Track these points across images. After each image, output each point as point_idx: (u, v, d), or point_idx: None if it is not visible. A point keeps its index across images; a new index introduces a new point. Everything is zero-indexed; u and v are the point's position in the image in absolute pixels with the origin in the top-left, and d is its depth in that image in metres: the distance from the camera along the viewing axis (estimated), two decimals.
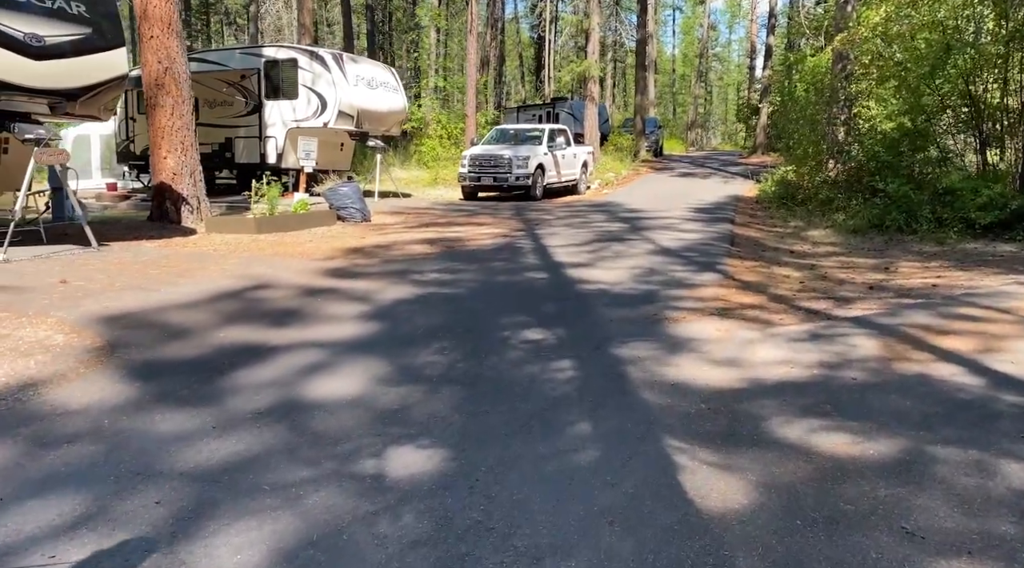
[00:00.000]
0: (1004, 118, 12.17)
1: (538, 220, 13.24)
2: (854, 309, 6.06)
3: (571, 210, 15.20)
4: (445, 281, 7.25)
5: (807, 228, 12.84)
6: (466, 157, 17.22)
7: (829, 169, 15.37)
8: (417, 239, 10.38)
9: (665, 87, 68.07)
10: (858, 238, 11.57)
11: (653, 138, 33.15)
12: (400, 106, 17.39)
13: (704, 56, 64.28)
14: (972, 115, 12.47)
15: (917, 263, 9.08)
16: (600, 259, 8.86)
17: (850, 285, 7.39)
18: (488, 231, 11.53)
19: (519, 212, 14.73)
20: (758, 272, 8.19)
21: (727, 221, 13.19)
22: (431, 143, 22.39)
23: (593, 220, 13.31)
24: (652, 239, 10.62)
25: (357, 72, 16.04)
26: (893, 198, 11.66)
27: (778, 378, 4.24)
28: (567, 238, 10.69)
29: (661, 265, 8.39)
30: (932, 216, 11.14)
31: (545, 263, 8.61)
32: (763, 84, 32.25)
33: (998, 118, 12.29)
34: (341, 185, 12.75)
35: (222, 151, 17.20)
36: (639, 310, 6.02)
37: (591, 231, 11.57)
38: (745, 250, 10.11)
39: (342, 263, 8.18)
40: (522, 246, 9.96)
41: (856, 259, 9.57)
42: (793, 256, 9.88)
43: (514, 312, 5.96)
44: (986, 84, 12.40)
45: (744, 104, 43.41)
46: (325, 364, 4.46)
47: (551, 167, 17.77)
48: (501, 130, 19.16)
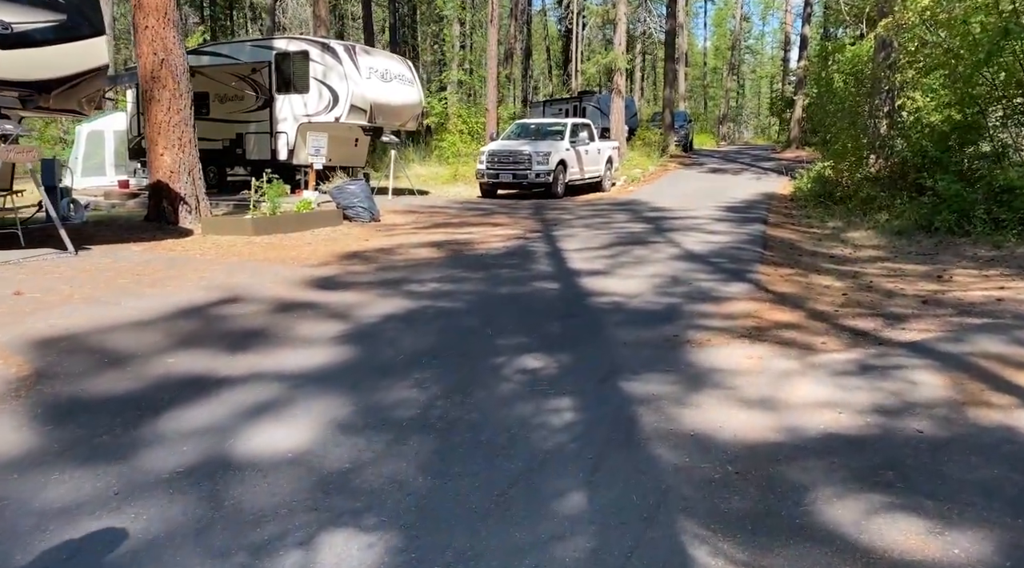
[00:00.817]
0: None
1: (557, 220, 12.47)
2: (909, 330, 5.21)
3: (593, 209, 14.39)
4: (444, 292, 6.53)
5: (847, 229, 11.89)
6: (484, 153, 16.49)
7: (870, 165, 14.35)
8: (424, 242, 9.68)
9: (696, 80, 66.62)
10: (904, 240, 10.61)
11: (683, 132, 32.09)
12: (416, 100, 16.71)
13: (736, 48, 62.72)
14: None
15: (973, 270, 8.15)
16: (618, 265, 8.07)
17: (900, 298, 6.51)
18: (502, 232, 10.79)
19: (538, 211, 13.97)
20: (794, 282, 7.34)
21: (759, 221, 12.29)
22: (451, 138, 21.69)
23: (615, 220, 12.49)
24: (677, 242, 9.79)
25: (370, 64, 15.38)
26: (943, 197, 10.68)
27: (823, 428, 3.44)
28: (585, 241, 9.90)
29: (685, 273, 7.58)
30: (987, 217, 10.15)
31: (557, 270, 7.85)
32: (798, 76, 30.98)
33: None
34: (348, 183, 12.10)
35: (233, 147, 16.68)
36: (657, 330, 5.24)
37: (612, 233, 10.77)
38: (779, 255, 9.24)
39: (335, 270, 7.50)
40: (535, 250, 9.20)
41: (904, 265, 8.65)
42: (833, 262, 8.99)
43: (514, 331, 5.21)
44: None
45: (778, 97, 42.08)
46: (276, 403, 3.76)
47: (573, 163, 16.97)
48: (522, 125, 18.38)
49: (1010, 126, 11.54)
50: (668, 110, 28.53)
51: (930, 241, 10.33)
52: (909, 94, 13.05)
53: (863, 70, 16.93)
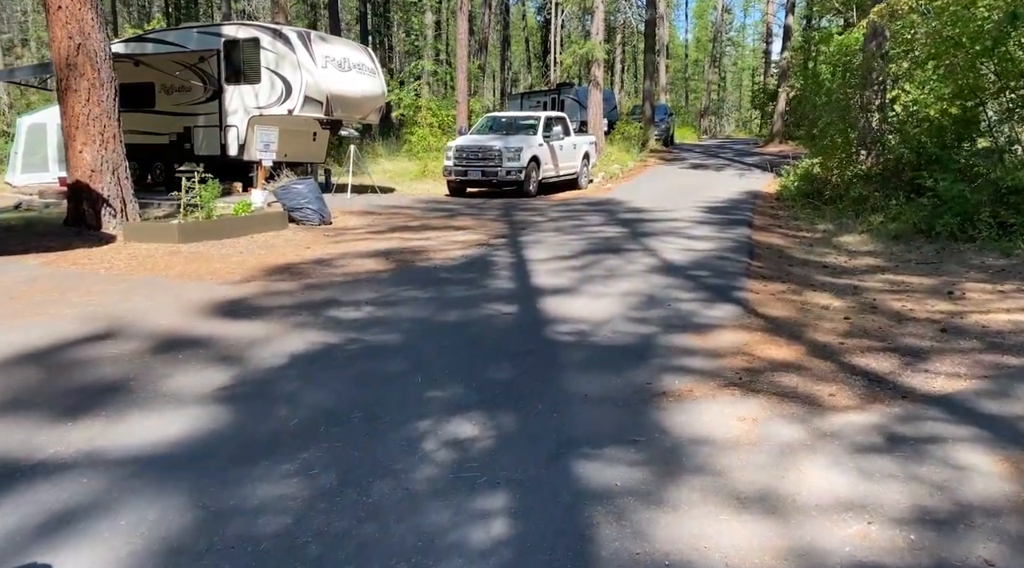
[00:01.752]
0: None
1: (526, 223, 11.45)
2: (934, 374, 4.25)
3: (567, 209, 13.38)
4: (377, 320, 5.49)
5: (839, 233, 10.97)
6: (451, 148, 15.42)
7: (861, 162, 13.45)
8: (373, 251, 8.62)
9: (677, 73, 65.81)
10: (902, 246, 9.71)
11: (663, 126, 31.13)
12: (378, 91, 15.58)
13: (718, 40, 61.95)
14: None
15: (987, 285, 7.23)
16: (588, 280, 7.06)
17: (912, 324, 5.56)
18: (463, 238, 9.75)
19: (507, 212, 12.94)
20: (787, 301, 6.37)
21: (744, 224, 11.34)
22: (421, 132, 20.57)
23: (589, 223, 11.49)
24: (655, 250, 8.80)
25: (326, 52, 14.24)
26: (943, 198, 9.78)
27: (850, 552, 2.45)
28: (554, 248, 8.89)
29: (664, 290, 6.59)
30: (993, 221, 9.27)
31: (518, 287, 6.83)
32: (781, 68, 30.14)
33: None
34: (295, 182, 11.00)
35: (180, 142, 15.48)
36: (627, 376, 4.23)
37: (584, 238, 9.76)
38: (768, 265, 8.28)
39: (255, 288, 6.43)
40: (497, 260, 8.18)
41: (907, 277, 7.73)
42: (828, 273, 8.05)
43: (452, 377, 4.19)
44: None
45: (760, 89, 41.31)
46: (92, 509, 2.71)
47: (547, 159, 15.94)
48: (492, 118, 17.31)
49: (1015, 120, 10.65)
50: (648, 103, 27.56)
51: (931, 247, 9.43)
52: (904, 86, 12.14)
53: (852, 60, 16.04)
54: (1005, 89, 10.95)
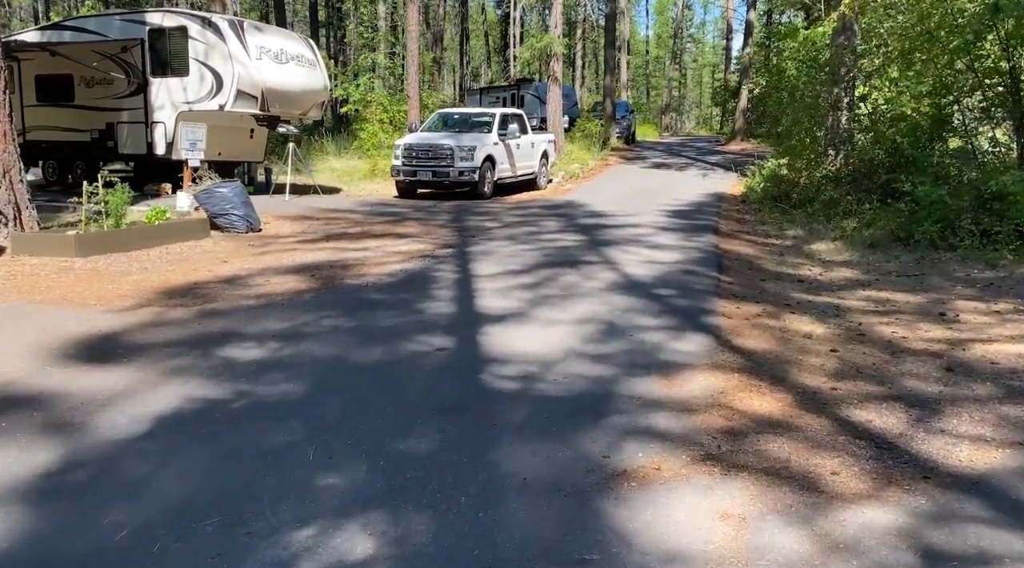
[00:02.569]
0: None
1: (478, 229, 10.54)
2: (955, 438, 3.46)
3: (523, 213, 12.50)
4: (279, 362, 4.53)
5: (810, 240, 10.29)
6: (399, 147, 14.42)
7: (830, 163, 12.82)
8: (299, 265, 7.64)
9: (639, 69, 65.47)
10: (879, 255, 9.04)
11: (625, 123, 30.44)
12: (319, 85, 14.49)
13: (679, 36, 61.67)
14: (1010, 94, 9.93)
15: (979, 303, 6.54)
16: (540, 302, 6.19)
17: (911, 358, 4.80)
18: (405, 249, 8.81)
19: (458, 217, 12.01)
20: (765, 328, 5.58)
21: (710, 231, 10.59)
22: (371, 129, 19.50)
23: (546, 230, 10.63)
24: (616, 262, 7.97)
25: (261, 43, 13.12)
26: (921, 203, 9.13)
27: None
28: (505, 261, 8.00)
29: (625, 315, 5.75)
30: (975, 228, 8.64)
31: (459, 312, 5.92)
32: (743, 64, 29.66)
33: None
34: (219, 185, 9.92)
35: (103, 139, 14.21)
36: (578, 445, 3.36)
37: (539, 248, 8.89)
38: (739, 280, 7.51)
39: (141, 318, 5.42)
40: (439, 277, 7.26)
41: (890, 294, 7.02)
42: (804, 289, 7.30)
43: (353, 452, 3.28)
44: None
45: (722, 86, 40.96)
46: None
47: (503, 159, 15.04)
48: (444, 115, 16.33)
49: (994, 119, 10.06)
50: (609, 99, 26.83)
51: (910, 257, 8.77)
52: (875, 82, 11.50)
53: (818, 57, 15.45)
54: (979, 87, 10.36)
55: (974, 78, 10.12)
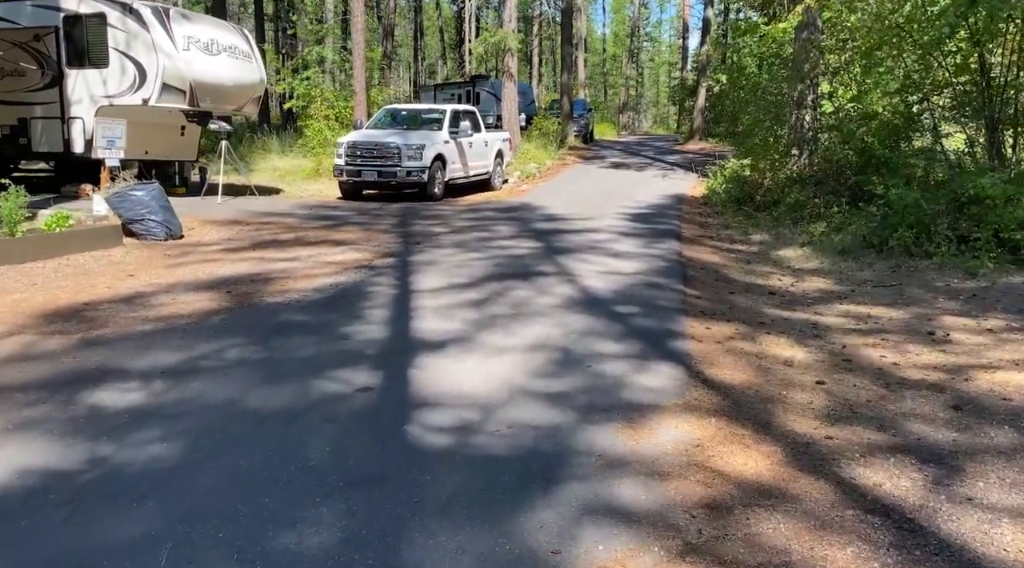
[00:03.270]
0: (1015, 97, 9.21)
1: (424, 235, 9.72)
2: (989, 512, 2.79)
3: (474, 217, 11.72)
4: (158, 409, 3.68)
5: (777, 245, 9.73)
6: (342, 145, 13.49)
7: (794, 164, 12.32)
8: (215, 279, 6.74)
9: (595, 67, 65.14)
10: (851, 262, 8.50)
11: (583, 122, 29.84)
12: (255, 78, 13.48)
13: (635, 35, 61.47)
14: (981, 93, 9.47)
15: (967, 317, 5.99)
16: (487, 325, 5.42)
17: (910, 393, 4.16)
18: (341, 258, 7.96)
19: (404, 220, 11.18)
20: (741, 354, 4.90)
21: (672, 236, 9.95)
22: (316, 125, 18.49)
23: (498, 235, 9.86)
24: (573, 274, 7.24)
25: (189, 33, 12.08)
26: (895, 207, 8.61)
27: None
28: (450, 273, 7.22)
29: (583, 340, 5.02)
30: (952, 234, 8.14)
31: (391, 339, 5.12)
32: (700, 62, 29.31)
33: (1010, 98, 9.33)
34: (134, 188, 8.93)
35: (15, 136, 12.96)
36: (521, 535, 2.60)
37: (490, 258, 8.13)
38: (707, 293, 6.84)
39: (6, 350, 4.50)
40: (373, 293, 6.44)
41: (871, 308, 6.43)
42: (777, 302, 6.67)
43: (215, 554, 2.47)
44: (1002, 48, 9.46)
45: (679, 85, 40.69)
46: None
47: (454, 158, 14.23)
48: (392, 111, 15.43)
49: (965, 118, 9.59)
50: (566, 97, 26.17)
51: (884, 264, 8.24)
52: (843, 78, 10.99)
53: (779, 53, 15.00)
54: (948, 84, 9.90)
55: (945, 75, 9.64)
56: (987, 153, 9.70)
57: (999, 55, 9.47)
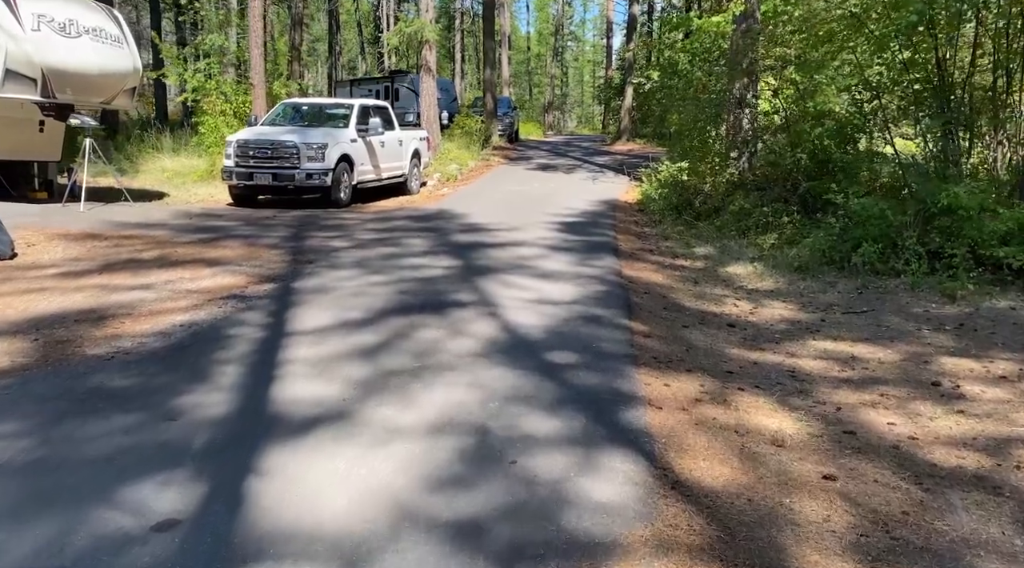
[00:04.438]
0: (968, 96, 8.41)
1: (318, 251, 8.23)
2: None
3: (383, 228, 10.25)
4: None
5: (724, 260, 8.66)
6: (231, 143, 11.79)
7: (735, 167, 11.36)
8: (28, 318, 5.13)
9: (520, 65, 64.16)
10: (810, 281, 7.49)
11: (508, 121, 28.56)
12: (127, 66, 11.62)
13: (560, 33, 60.73)
14: (935, 91, 8.65)
15: (969, 358, 4.98)
16: (377, 388, 4.04)
17: (953, 491, 3.02)
18: (206, 285, 6.41)
19: (299, 232, 9.62)
20: (715, 431, 3.68)
21: (609, 250, 8.76)
22: (212, 121, 16.57)
23: (409, 250, 8.45)
24: (496, 304, 5.92)
25: (40, 11, 10.17)
26: (857, 219, 7.65)
27: None
28: (342, 305, 5.78)
29: (505, 413, 3.71)
30: (922, 249, 7.22)
31: (238, 415, 3.67)
32: (627, 60, 28.49)
33: (963, 98, 8.53)
34: None
35: None
36: None
37: (396, 281, 6.72)
38: (657, 329, 5.63)
39: None
40: (234, 337, 4.95)
41: (850, 345, 5.37)
42: (740, 340, 5.52)
43: None
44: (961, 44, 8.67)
45: (606, 84, 39.97)
46: None
47: (364, 159, 12.71)
48: (291, 106, 13.74)
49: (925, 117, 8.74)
50: (490, 94, 24.84)
51: (849, 284, 7.25)
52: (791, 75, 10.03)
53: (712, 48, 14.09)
54: (899, 82, 9.05)
55: (897, 70, 8.75)
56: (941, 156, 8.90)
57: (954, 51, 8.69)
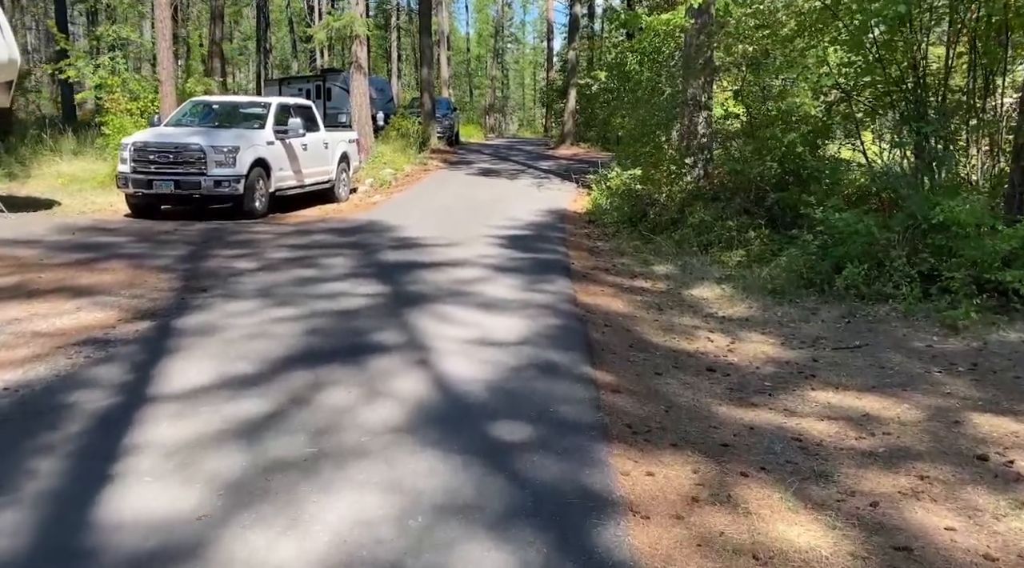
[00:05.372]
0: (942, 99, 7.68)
1: (216, 276, 6.93)
2: None
3: (300, 244, 8.96)
4: None
5: (688, 280, 7.71)
6: (127, 146, 10.31)
7: (692, 175, 10.47)
8: None
9: (460, 66, 62.91)
10: (788, 307, 6.58)
11: (447, 123, 27.31)
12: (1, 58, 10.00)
13: (500, 35, 59.74)
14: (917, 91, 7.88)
15: (1005, 417, 4.08)
16: (254, 496, 2.85)
17: None
18: (63, 324, 5.09)
19: (200, 250, 8.28)
20: (727, 556, 2.62)
21: (561, 271, 7.70)
22: (118, 121, 14.89)
23: (328, 273, 7.22)
24: (426, 349, 4.77)
25: None
26: (840, 235, 6.77)
27: None
28: (230, 353, 4.55)
29: (432, 536, 2.57)
30: (912, 270, 6.37)
31: (39, 550, 2.43)
32: (570, 61, 27.64)
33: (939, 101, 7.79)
34: None
35: None
36: None
37: (304, 317, 5.51)
38: (626, 379, 4.58)
39: None
40: (73, 406, 3.68)
41: (857, 397, 4.42)
42: (725, 391, 4.52)
43: None
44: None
45: (548, 86, 39.12)
46: None
47: (283, 163, 11.37)
48: (201, 105, 12.26)
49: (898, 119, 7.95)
50: (427, 94, 23.57)
51: (833, 311, 6.36)
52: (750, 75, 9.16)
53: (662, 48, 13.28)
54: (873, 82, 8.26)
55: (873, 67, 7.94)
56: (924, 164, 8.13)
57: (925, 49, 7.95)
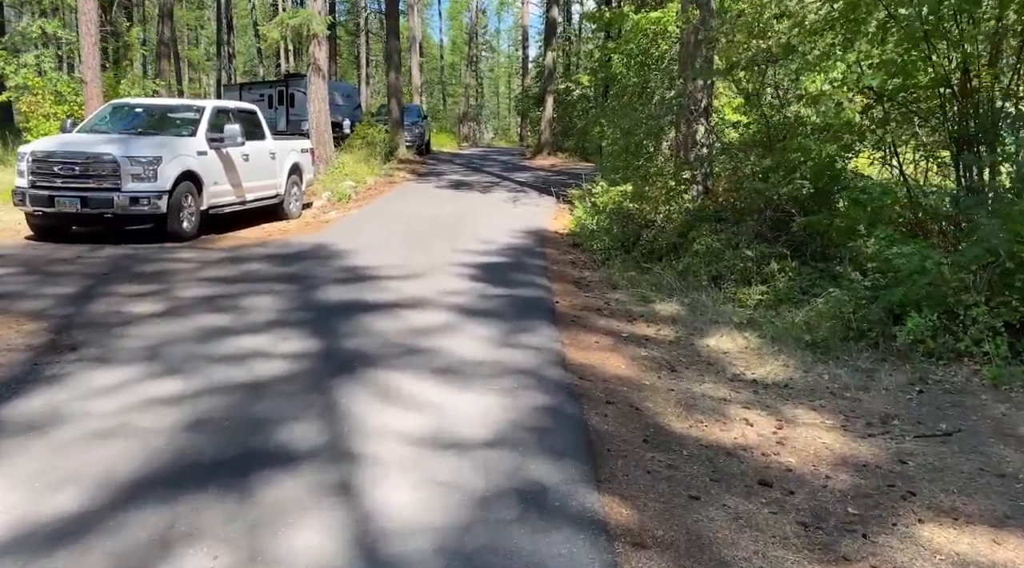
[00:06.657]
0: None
1: (98, 325, 5.32)
2: None
3: (225, 277, 7.35)
4: None
5: (700, 324, 6.23)
6: (25, 156, 8.64)
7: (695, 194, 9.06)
8: None
9: (433, 73, 61.46)
10: (836, 367, 5.14)
11: (417, 131, 25.76)
12: None
13: (474, 42, 58.41)
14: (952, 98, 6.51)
15: None
16: None
17: None
18: None
19: (95, 286, 6.65)
20: None
21: (544, 314, 6.19)
22: (44, 126, 13.17)
23: (245, 321, 5.63)
24: (354, 459, 3.22)
25: None
26: (900, 274, 5.36)
27: None
28: (61, 467, 2.96)
29: None
30: (993, 321, 4.97)
31: None
32: (547, 68, 26.26)
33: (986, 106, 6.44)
34: None
35: None
36: None
37: (192, 396, 3.93)
38: (652, 522, 3.11)
39: None
40: None
41: (990, 537, 2.94)
42: (797, 530, 3.02)
43: None
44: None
45: (523, 94, 37.76)
46: None
47: (218, 176, 9.76)
48: (121, 107, 10.53)
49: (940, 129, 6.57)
50: (395, 100, 22.01)
51: (897, 377, 4.92)
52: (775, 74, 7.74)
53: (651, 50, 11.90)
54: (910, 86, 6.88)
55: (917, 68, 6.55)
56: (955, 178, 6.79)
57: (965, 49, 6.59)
